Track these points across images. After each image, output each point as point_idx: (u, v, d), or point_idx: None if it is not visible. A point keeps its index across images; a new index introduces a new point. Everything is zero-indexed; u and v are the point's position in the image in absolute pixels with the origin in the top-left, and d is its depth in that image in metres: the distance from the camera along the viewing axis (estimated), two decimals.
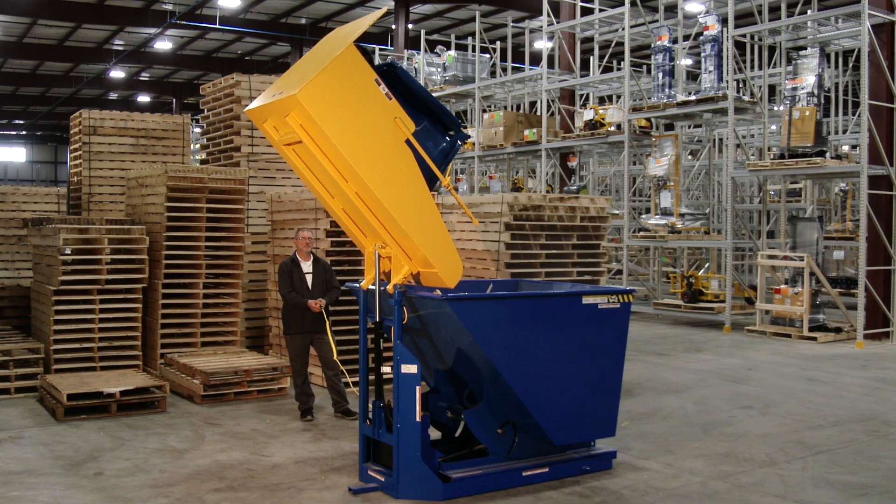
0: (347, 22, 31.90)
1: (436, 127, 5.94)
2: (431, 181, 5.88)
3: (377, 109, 5.57)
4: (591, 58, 21.48)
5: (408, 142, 5.67)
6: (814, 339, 13.22)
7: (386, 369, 6.03)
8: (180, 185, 9.64)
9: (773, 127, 19.54)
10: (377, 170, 5.53)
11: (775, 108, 18.11)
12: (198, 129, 22.99)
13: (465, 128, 22.08)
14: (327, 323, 7.79)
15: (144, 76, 41.62)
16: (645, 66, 21.50)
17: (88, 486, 6.02)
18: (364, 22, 5.79)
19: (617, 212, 17.99)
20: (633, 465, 6.56)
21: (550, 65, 19.88)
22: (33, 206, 11.92)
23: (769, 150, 16.49)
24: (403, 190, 5.65)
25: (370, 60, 5.62)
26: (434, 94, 21.96)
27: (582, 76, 19.80)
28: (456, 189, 22.64)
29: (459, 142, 6.10)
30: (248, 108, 5.97)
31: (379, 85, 5.59)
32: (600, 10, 18.72)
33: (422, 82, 21.82)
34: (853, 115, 21.96)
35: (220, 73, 31.75)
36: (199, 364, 8.82)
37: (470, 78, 21.45)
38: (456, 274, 5.93)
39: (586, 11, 19.55)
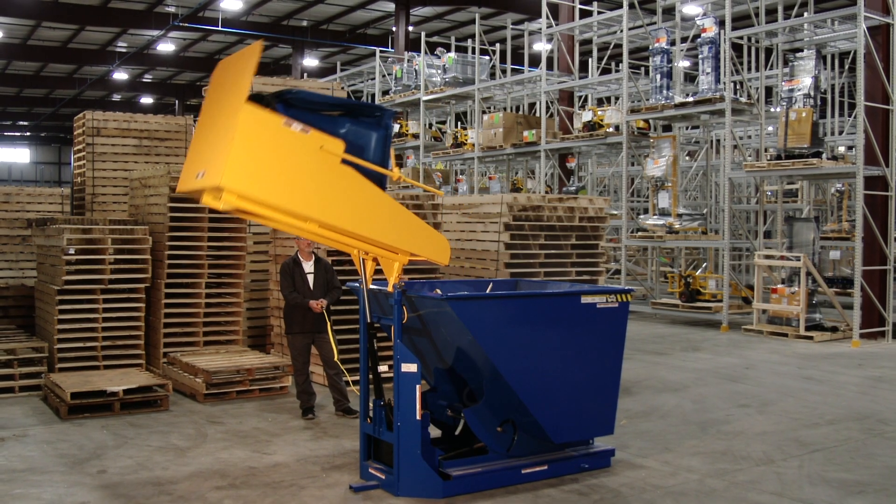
0: (348, 25, 31.82)
1: (359, 122, 5.68)
2: (382, 180, 5.70)
3: (301, 151, 5.23)
4: (590, 60, 21.48)
5: (344, 161, 5.39)
6: (810, 338, 13.23)
7: (383, 368, 6.05)
8: None
9: (770, 128, 19.53)
10: (328, 204, 5.32)
11: (772, 110, 18.10)
12: None
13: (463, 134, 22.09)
14: (328, 323, 7.79)
15: (147, 78, 41.64)
16: (643, 68, 21.51)
17: (92, 483, 6.02)
18: (248, 65, 5.26)
19: (615, 212, 17.98)
20: (632, 463, 6.56)
21: (549, 67, 19.88)
22: (37, 206, 11.92)
23: (766, 151, 16.48)
24: (360, 207, 5.45)
25: (269, 103, 5.29)
26: (433, 96, 22.03)
27: (581, 78, 19.79)
28: (456, 191, 22.71)
29: (388, 120, 5.82)
30: (178, 188, 5.57)
31: (290, 125, 5.21)
32: (599, 13, 18.74)
33: (422, 84, 21.88)
34: (849, 116, 21.98)
35: None
36: (202, 363, 8.82)
37: (470, 80, 21.45)
38: (444, 252, 5.88)
39: (585, 14, 19.56)
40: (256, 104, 5.15)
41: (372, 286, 6.08)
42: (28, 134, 60.00)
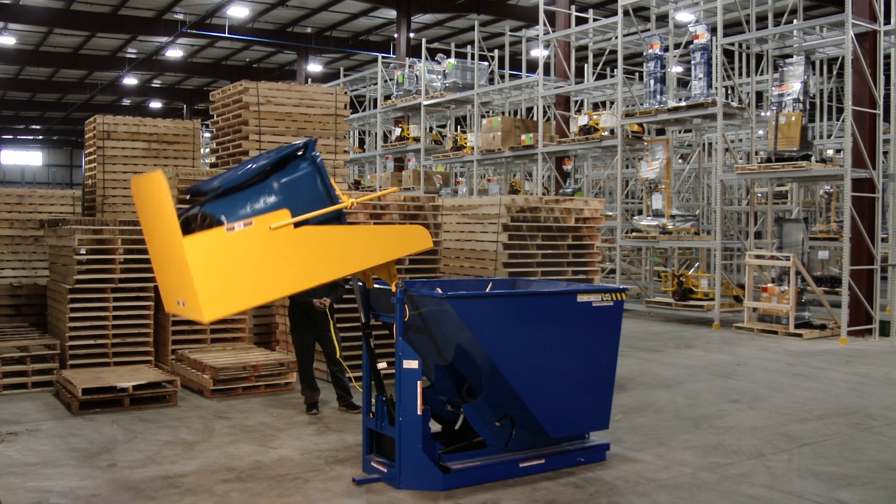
0: (351, 32, 31.77)
1: (288, 171, 5.35)
2: (339, 213, 5.48)
3: (255, 244, 5.00)
4: (586, 65, 21.48)
5: (297, 225, 5.16)
6: (799, 335, 13.22)
7: (382, 364, 6.05)
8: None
9: (761, 132, 19.53)
10: (303, 272, 5.18)
11: (762, 114, 18.08)
12: (207, 134, 22.98)
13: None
14: (331, 321, 7.80)
15: (156, 83, 41.65)
16: (637, 74, 21.51)
17: (102, 476, 6.02)
18: (164, 199, 4.92)
19: (610, 213, 17.99)
20: (626, 457, 6.56)
21: (546, 72, 19.88)
22: (49, 207, 11.91)
23: (756, 154, 16.48)
24: (332, 255, 5.26)
25: (203, 219, 5.06)
26: (434, 101, 21.95)
27: (577, 83, 19.80)
28: (456, 192, 22.69)
29: (311, 151, 5.51)
30: (166, 309, 5.37)
31: (233, 228, 4.94)
32: (594, 20, 18.74)
33: (423, 89, 21.87)
34: (837, 120, 21.97)
35: (229, 80, 31.78)
36: (209, 360, 8.82)
37: (469, 85, 21.45)
38: (424, 240, 5.75)
39: (581, 21, 19.57)
40: (191, 223, 5.01)
41: (375, 285, 6.09)
42: (40, 137, 60.02)
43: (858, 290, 13.27)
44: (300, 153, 5.41)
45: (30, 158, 61.27)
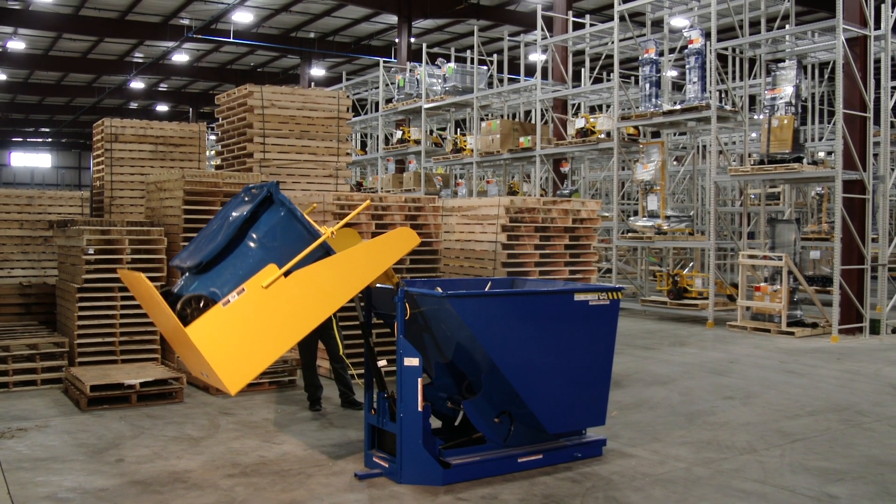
0: (354, 37, 31.82)
1: (263, 223, 5.36)
2: (324, 248, 5.45)
3: (254, 307, 5.04)
4: (583, 69, 21.47)
5: (287, 273, 5.18)
6: (791, 333, 13.22)
7: (382, 362, 6.06)
8: (196, 189, 9.63)
9: (753, 134, 19.51)
10: (305, 315, 5.23)
11: (755, 117, 18.08)
12: (213, 137, 22.98)
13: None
14: (334, 319, 7.79)
15: (163, 87, 41.66)
16: (633, 78, 21.50)
17: (110, 471, 6.02)
18: (154, 297, 5.10)
19: (606, 214, 17.98)
20: (622, 452, 6.56)
21: (544, 76, 19.87)
22: (58, 208, 11.91)
23: (749, 156, 16.48)
24: (329, 289, 5.30)
25: (198, 300, 5.10)
26: (434, 104, 21.97)
27: (574, 87, 19.80)
28: (455, 194, 22.69)
29: (277, 194, 5.46)
30: (191, 373, 5.40)
31: (229, 301, 4.97)
32: (591, 25, 18.74)
33: (423, 93, 21.86)
34: (828, 123, 21.97)
35: (234, 83, 31.80)
36: None
37: (469, 88, 21.45)
38: (411, 240, 5.82)
39: (578, 26, 19.57)
40: (189, 307, 5.04)
41: (377, 286, 6.09)
42: (50, 140, 60.04)
43: (849, 290, 13.27)
44: (266, 195, 5.37)
45: (39, 160, 61.25)
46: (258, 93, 11.78)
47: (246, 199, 5.62)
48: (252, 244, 5.31)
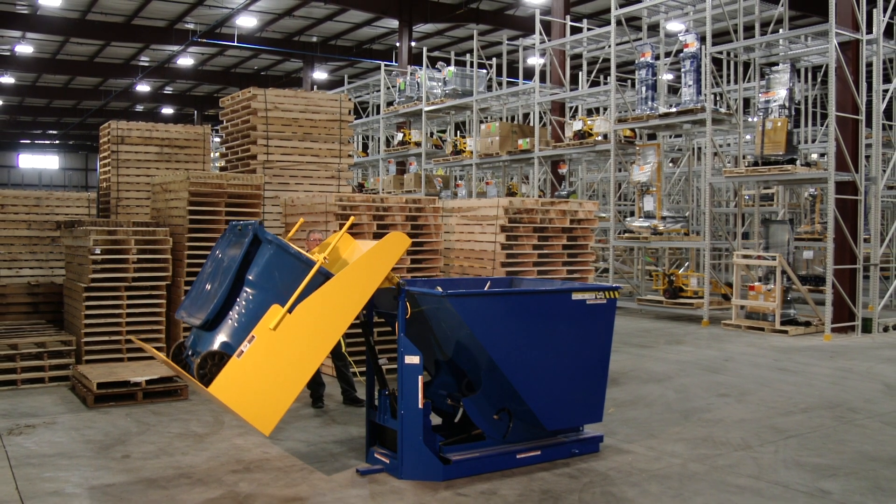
0: (355, 41, 31.81)
1: (259, 264, 5.37)
2: (322, 273, 5.44)
3: (267, 351, 5.13)
4: (580, 73, 21.48)
5: (291, 309, 5.23)
6: (785, 332, 13.22)
7: (382, 360, 6.06)
8: (201, 190, 9.63)
9: (748, 137, 19.52)
10: (319, 341, 5.30)
11: (750, 120, 18.10)
12: (217, 139, 22.97)
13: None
14: None
15: (168, 90, 41.66)
16: (629, 81, 21.49)
17: (116, 467, 6.02)
18: (169, 366, 5.35)
19: (603, 215, 17.97)
20: (619, 449, 6.56)
21: (542, 79, 19.87)
22: (66, 209, 11.91)
23: (744, 157, 16.47)
24: (335, 312, 5.35)
25: (213, 356, 5.20)
26: (434, 107, 21.98)
27: (571, 90, 19.79)
28: (455, 195, 22.68)
29: (262, 234, 5.44)
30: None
31: (242, 352, 5.09)
32: (588, 29, 18.72)
33: (424, 96, 21.86)
34: (821, 125, 21.96)
35: (238, 87, 31.80)
36: None
37: (468, 91, 21.44)
38: (402, 244, 5.83)
39: (575, 30, 19.56)
40: (206, 364, 5.14)
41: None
42: (57, 142, 60.04)
43: (842, 289, 13.26)
44: (253, 235, 5.39)
45: (47, 162, 61.25)
46: (262, 96, 11.78)
47: (234, 238, 5.65)
48: (251, 289, 5.35)
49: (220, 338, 5.27)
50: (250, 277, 5.34)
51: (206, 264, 5.85)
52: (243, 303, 5.31)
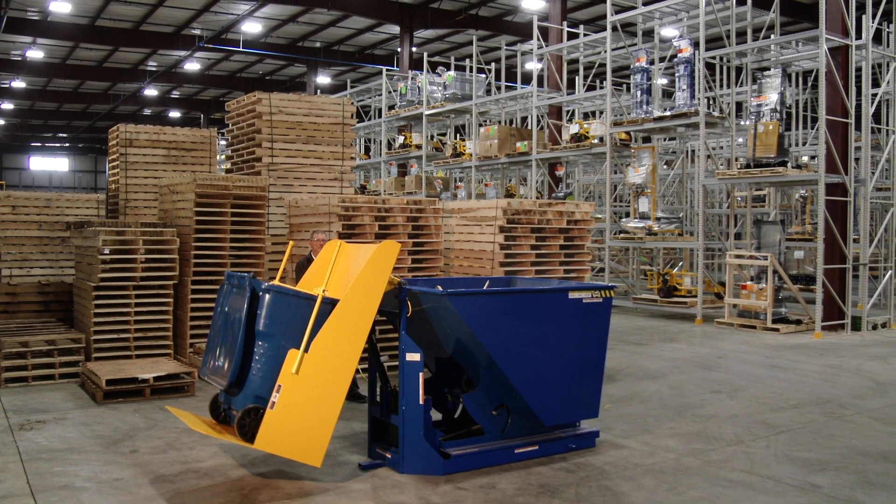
0: (358, 46, 31.80)
1: (263, 313, 5.38)
2: (330, 303, 5.45)
3: (297, 394, 5.23)
4: (577, 77, 21.48)
5: (308, 348, 5.28)
6: (776, 330, 13.22)
7: (383, 357, 6.05)
8: (207, 191, 9.63)
9: (740, 140, 19.52)
10: (345, 366, 5.37)
11: (742, 123, 18.07)
12: (223, 142, 22.97)
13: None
14: None
15: (175, 94, 41.64)
16: (625, 85, 21.50)
17: (125, 462, 6.01)
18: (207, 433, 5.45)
19: (599, 216, 17.98)
20: (615, 444, 6.56)
21: (540, 84, 19.87)
22: (75, 210, 11.91)
23: (736, 160, 16.47)
24: (349, 332, 5.38)
25: (249, 413, 5.30)
26: (434, 111, 22.00)
27: (568, 94, 19.79)
28: (455, 196, 22.67)
29: (257, 286, 5.48)
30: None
31: (274, 403, 5.21)
32: (585, 35, 18.74)
33: (424, 100, 21.86)
34: (812, 129, 21.97)
35: (244, 91, 31.78)
36: None
37: (468, 95, 21.44)
38: (394, 251, 5.75)
39: (572, 36, 19.57)
40: (246, 420, 5.28)
41: None
42: (67, 145, 60.04)
43: (832, 288, 13.26)
44: (250, 290, 5.42)
45: (57, 164, 61.25)
46: (266, 100, 11.78)
47: (235, 290, 5.69)
48: (263, 341, 5.41)
49: (251, 393, 5.37)
50: (260, 329, 5.40)
51: (214, 318, 5.91)
52: (262, 357, 5.39)
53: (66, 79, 35.79)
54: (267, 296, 5.41)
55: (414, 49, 26.81)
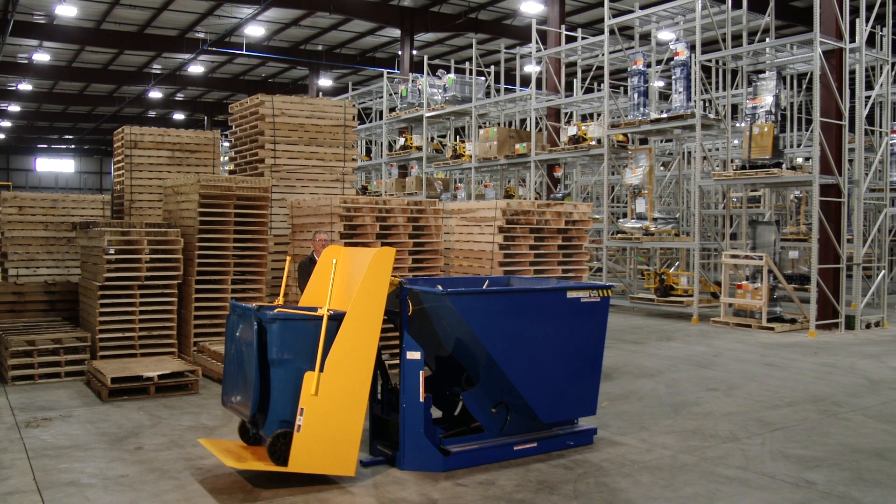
0: (359, 49, 31.82)
1: (270, 340, 5.39)
2: (338, 317, 5.45)
3: (320, 415, 5.30)
4: (575, 80, 21.46)
5: (322, 367, 5.31)
6: (771, 329, 13.21)
7: (384, 355, 6.05)
8: (211, 192, 9.63)
9: (736, 141, 19.51)
10: (360, 379, 5.42)
11: (737, 125, 18.06)
12: (226, 144, 22.97)
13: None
14: None
15: (179, 96, 41.64)
16: (622, 88, 21.49)
17: (130, 459, 6.02)
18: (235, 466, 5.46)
19: (597, 216, 17.97)
20: (612, 441, 6.56)
21: (538, 86, 19.87)
22: (81, 211, 11.91)
23: (732, 161, 16.46)
24: (360, 344, 5.40)
25: (278, 439, 5.35)
26: (435, 113, 21.97)
27: (566, 96, 19.78)
28: (455, 197, 22.67)
29: (262, 319, 5.44)
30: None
31: (300, 427, 5.27)
32: (583, 38, 18.73)
33: (425, 102, 21.86)
34: (806, 130, 21.95)
35: (247, 93, 31.79)
36: None
37: (467, 98, 21.43)
38: (391, 257, 5.75)
39: (570, 39, 19.56)
40: (276, 446, 5.34)
41: None
42: (73, 146, 60.04)
43: (826, 287, 13.26)
44: (260, 325, 5.44)
45: (63, 166, 61.27)
46: (269, 102, 11.78)
47: (242, 321, 5.71)
48: (279, 368, 5.42)
49: (276, 418, 5.41)
50: (273, 356, 5.41)
51: (226, 346, 5.92)
52: (278, 381, 5.41)
53: (72, 81, 35.80)
54: (274, 326, 5.40)
55: (414, 52, 26.81)
